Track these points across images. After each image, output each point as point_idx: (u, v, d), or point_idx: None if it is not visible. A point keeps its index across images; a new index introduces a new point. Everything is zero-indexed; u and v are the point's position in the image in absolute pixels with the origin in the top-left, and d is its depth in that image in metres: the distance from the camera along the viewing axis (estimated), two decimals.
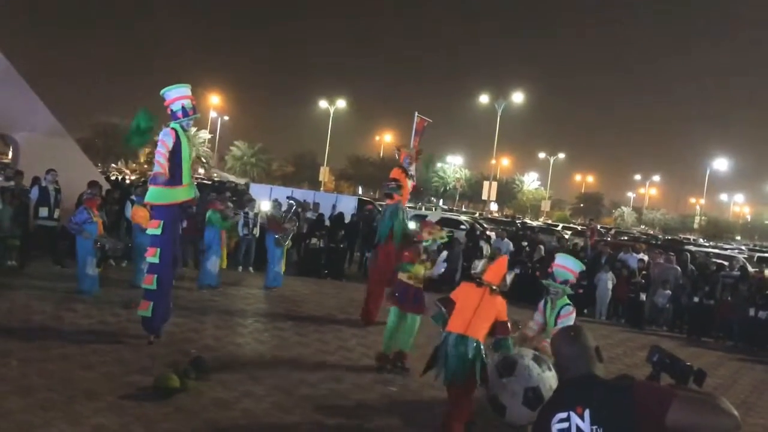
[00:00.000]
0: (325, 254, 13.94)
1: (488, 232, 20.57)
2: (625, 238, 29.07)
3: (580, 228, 35.17)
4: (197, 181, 11.81)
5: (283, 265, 11.64)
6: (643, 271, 14.03)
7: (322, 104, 52.72)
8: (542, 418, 2.27)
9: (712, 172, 61.64)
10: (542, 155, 66.35)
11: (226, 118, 61.83)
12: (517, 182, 71.90)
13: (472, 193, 63.00)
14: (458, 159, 69.29)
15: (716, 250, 25.42)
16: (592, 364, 2.27)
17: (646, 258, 14.96)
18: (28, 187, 11.42)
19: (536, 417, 2.35)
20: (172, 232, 7.04)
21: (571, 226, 40.68)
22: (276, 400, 5.73)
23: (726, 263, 16.08)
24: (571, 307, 5.90)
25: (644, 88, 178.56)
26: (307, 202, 16.44)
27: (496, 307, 5.23)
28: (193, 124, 7.45)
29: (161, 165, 6.75)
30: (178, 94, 6.97)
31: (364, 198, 29.97)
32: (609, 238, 26.13)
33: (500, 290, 5.39)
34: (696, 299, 13.02)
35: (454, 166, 67.69)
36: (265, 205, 12.61)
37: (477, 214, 41.85)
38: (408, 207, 10.75)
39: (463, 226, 21.76)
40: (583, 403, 2.15)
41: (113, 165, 56.41)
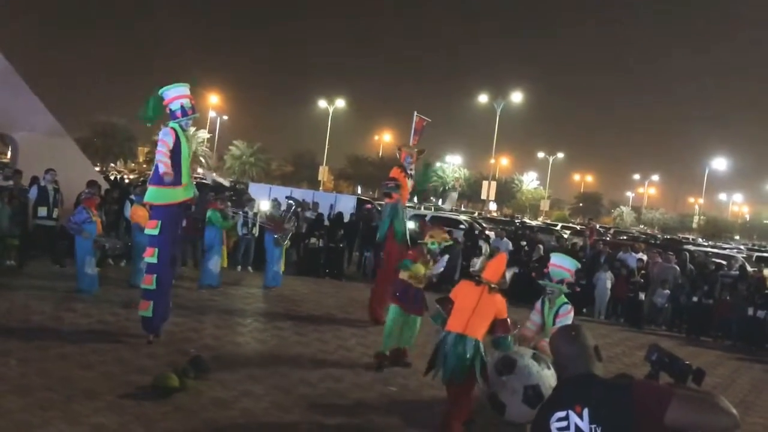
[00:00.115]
0: (324, 254, 13.95)
1: (487, 232, 20.60)
2: (624, 238, 29.08)
3: (579, 227, 35.17)
4: (196, 180, 11.78)
5: (283, 265, 11.65)
6: (642, 271, 14.04)
7: (321, 104, 52.66)
8: (541, 417, 2.27)
9: (710, 171, 61.70)
10: (541, 155, 66.34)
11: (225, 118, 61.77)
12: (516, 182, 71.90)
13: (471, 192, 62.98)
14: (457, 158, 69.30)
15: (715, 250, 25.46)
16: (591, 363, 2.26)
17: (645, 257, 14.97)
18: (27, 187, 11.41)
19: (535, 416, 2.35)
20: (171, 232, 7.03)
21: (570, 225, 40.69)
22: (275, 400, 5.73)
23: (725, 263, 16.11)
24: (569, 305, 5.90)
25: (644, 88, 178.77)
26: (306, 202, 16.45)
27: (496, 306, 5.20)
28: (192, 124, 7.44)
29: (166, 165, 6.73)
30: (177, 94, 6.95)
31: (363, 198, 29.96)
32: (608, 238, 26.13)
33: (500, 288, 5.34)
34: (695, 299, 13.03)
35: (453, 166, 67.66)
36: (265, 205, 12.60)
37: (476, 214, 41.88)
38: (407, 206, 10.75)
39: (462, 226, 21.74)
40: (582, 401, 2.15)
41: (112, 165, 56.37)
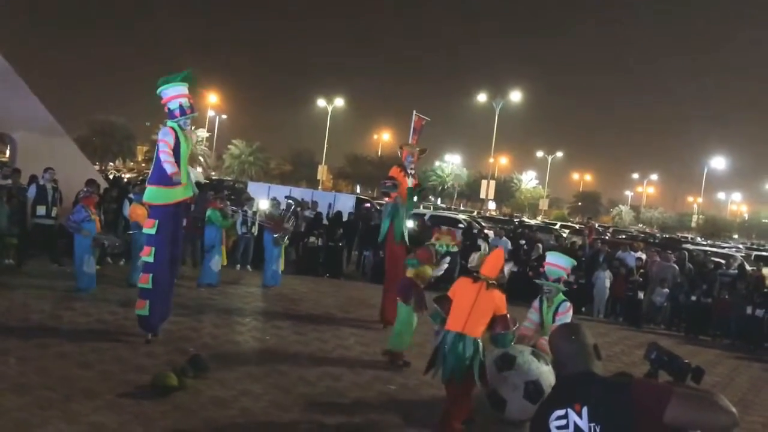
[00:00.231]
0: (323, 253, 13.95)
1: (486, 231, 20.61)
2: (623, 237, 29.09)
3: (578, 226, 35.23)
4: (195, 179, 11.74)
5: (282, 264, 11.63)
6: (641, 270, 14.05)
7: (321, 103, 52.62)
8: (540, 416, 2.27)
9: (709, 170, 61.87)
10: (540, 154, 66.37)
11: (224, 117, 61.75)
12: (515, 181, 71.93)
13: (470, 191, 62.99)
14: (456, 158, 69.29)
15: (714, 249, 25.50)
16: (590, 362, 2.26)
17: (643, 256, 14.98)
18: (26, 186, 11.40)
19: (534, 414, 2.34)
20: (170, 231, 6.98)
21: (569, 224, 40.72)
22: (274, 399, 5.72)
23: (723, 262, 16.12)
24: (568, 303, 5.92)
25: (644, 88, 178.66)
26: (305, 201, 16.44)
27: (494, 302, 5.12)
28: (191, 123, 7.39)
29: (173, 165, 6.70)
30: (175, 93, 6.89)
31: (362, 197, 29.96)
32: (607, 237, 26.16)
33: (499, 282, 5.28)
34: (694, 297, 13.04)
35: (451, 165, 67.67)
36: (264, 204, 12.59)
37: (475, 213, 41.92)
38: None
39: (460, 225, 21.74)
40: (581, 400, 2.15)
41: (111, 164, 56.31)
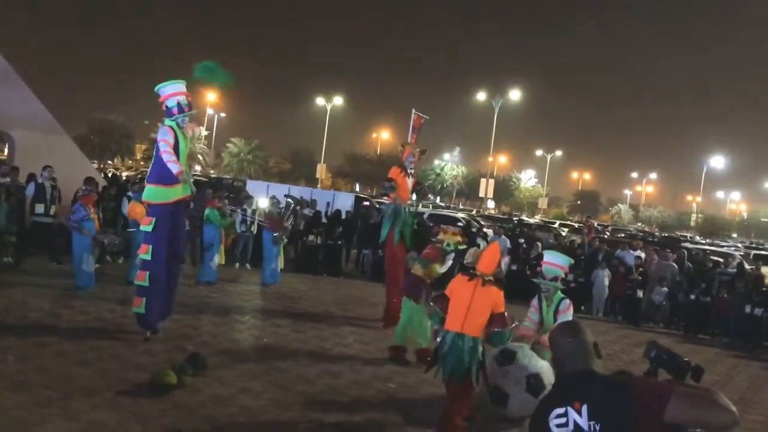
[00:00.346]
0: (323, 251, 13.94)
1: (485, 230, 20.62)
2: (622, 236, 29.11)
3: (577, 225, 35.20)
4: (193, 178, 11.74)
5: (281, 262, 11.63)
6: (640, 268, 14.06)
7: (320, 101, 52.58)
8: (540, 413, 2.26)
9: (708, 169, 61.92)
10: (539, 153, 66.42)
11: (222, 115, 61.75)
12: (514, 179, 71.93)
13: (469, 190, 63.00)
14: (456, 157, 69.33)
15: (713, 248, 25.52)
16: (590, 360, 2.26)
17: (643, 255, 14.99)
18: (24, 184, 11.38)
19: (534, 411, 2.34)
20: (168, 229, 6.96)
21: (568, 223, 40.71)
22: (273, 396, 5.72)
23: (722, 260, 16.14)
24: (568, 300, 5.93)
25: (644, 88, 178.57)
26: (304, 200, 16.44)
27: (491, 299, 5.04)
28: (189, 121, 7.37)
29: (178, 164, 6.69)
30: (173, 91, 6.89)
31: (361, 195, 29.95)
32: (606, 236, 26.19)
33: (497, 278, 5.21)
34: (692, 296, 13.05)
35: (451, 164, 67.69)
36: (263, 202, 12.59)
37: (474, 212, 41.94)
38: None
39: (459, 223, 21.74)
40: (581, 398, 2.14)
41: (109, 162, 56.24)
